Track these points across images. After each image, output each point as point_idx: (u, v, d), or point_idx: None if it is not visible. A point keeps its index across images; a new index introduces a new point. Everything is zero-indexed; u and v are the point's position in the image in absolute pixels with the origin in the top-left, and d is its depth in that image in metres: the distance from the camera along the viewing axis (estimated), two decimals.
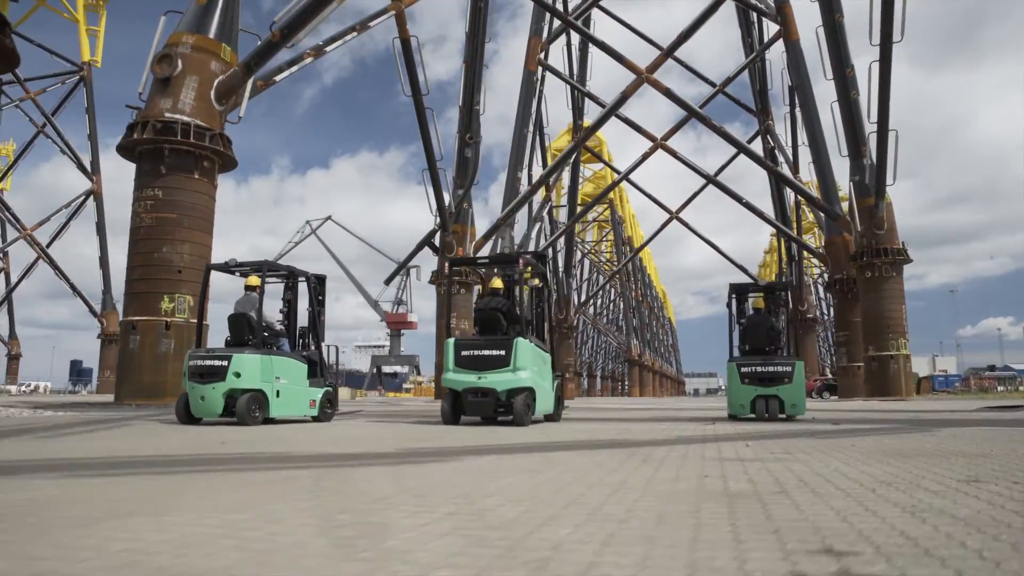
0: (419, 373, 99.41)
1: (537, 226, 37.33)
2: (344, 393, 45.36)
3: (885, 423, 8.58)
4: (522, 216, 37.09)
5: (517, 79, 33.83)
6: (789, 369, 9.90)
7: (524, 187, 35.47)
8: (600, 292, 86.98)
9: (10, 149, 63.69)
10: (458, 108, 29.58)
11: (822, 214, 32.94)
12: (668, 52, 28.01)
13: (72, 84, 50.15)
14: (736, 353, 10.90)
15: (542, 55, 36.09)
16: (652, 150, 34.99)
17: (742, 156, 30.86)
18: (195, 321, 14.56)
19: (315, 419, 9.27)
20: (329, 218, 55.04)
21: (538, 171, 36.77)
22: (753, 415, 9.87)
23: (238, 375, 8.23)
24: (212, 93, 15.14)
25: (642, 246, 54.37)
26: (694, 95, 32.56)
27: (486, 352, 8.60)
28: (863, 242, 27.02)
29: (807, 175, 35.73)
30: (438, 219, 28.28)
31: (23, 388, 56.15)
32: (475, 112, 29.40)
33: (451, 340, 8.88)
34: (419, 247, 28.99)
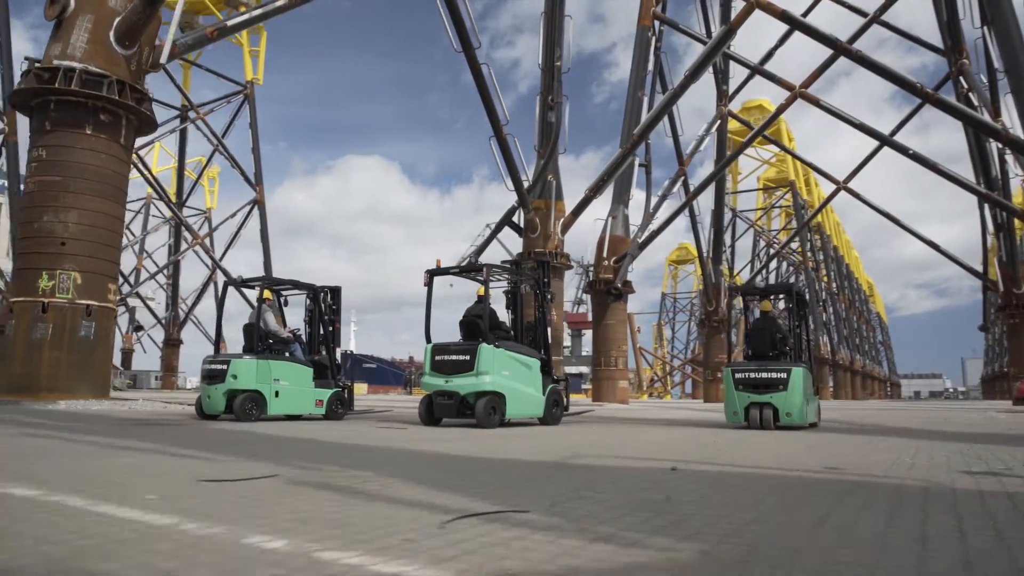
0: None
1: (664, 204, 31.57)
2: None
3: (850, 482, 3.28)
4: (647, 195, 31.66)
5: None
6: (784, 376, 8.97)
7: (639, 157, 30.24)
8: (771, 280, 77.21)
9: (216, 172, 68.20)
10: (538, 67, 25.22)
11: None
12: None
13: (238, 103, 52.45)
14: (742, 359, 10.45)
15: (658, 7, 30.54)
16: (790, 100, 28.02)
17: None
18: (83, 303, 11.89)
19: (325, 417, 9.99)
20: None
21: (666, 143, 31.23)
22: (747, 423, 9.13)
23: (235, 377, 8.99)
24: (111, 34, 12.40)
25: (807, 221, 45.92)
26: (910, 65, 25.11)
27: (454, 357, 8.79)
28: None
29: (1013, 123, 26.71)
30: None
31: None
32: (557, 70, 24.83)
33: (428, 345, 9.14)
34: (498, 228, 24.99)
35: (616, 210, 29.83)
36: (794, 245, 72.69)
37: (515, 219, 25.10)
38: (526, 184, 23.98)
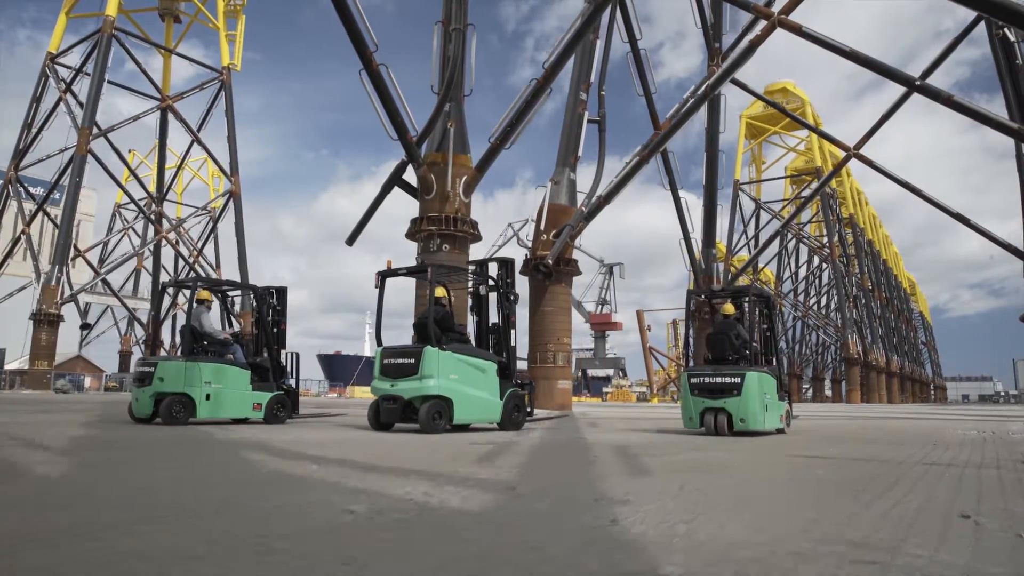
0: (625, 376, 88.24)
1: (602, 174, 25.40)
2: None
3: None
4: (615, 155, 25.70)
5: None
6: (738, 380, 8.30)
7: (590, 112, 24.31)
8: (813, 279, 69.48)
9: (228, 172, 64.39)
10: None
11: None
12: None
13: (215, 90, 48.42)
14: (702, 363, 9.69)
15: None
16: (768, 30, 21.64)
17: None
18: None
19: (264, 421, 9.36)
20: (529, 220, 48.89)
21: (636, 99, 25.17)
22: (703, 429, 8.54)
23: (162, 379, 8.53)
24: None
25: (812, 195, 38.70)
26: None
27: (399, 360, 8.31)
28: None
29: None
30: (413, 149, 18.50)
31: None
32: None
33: (379, 348, 8.67)
34: (386, 188, 19.35)
35: (559, 174, 23.93)
36: (827, 240, 64.82)
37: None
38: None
